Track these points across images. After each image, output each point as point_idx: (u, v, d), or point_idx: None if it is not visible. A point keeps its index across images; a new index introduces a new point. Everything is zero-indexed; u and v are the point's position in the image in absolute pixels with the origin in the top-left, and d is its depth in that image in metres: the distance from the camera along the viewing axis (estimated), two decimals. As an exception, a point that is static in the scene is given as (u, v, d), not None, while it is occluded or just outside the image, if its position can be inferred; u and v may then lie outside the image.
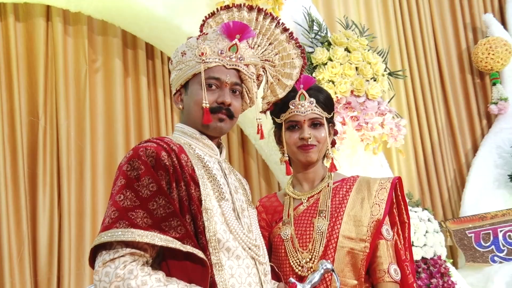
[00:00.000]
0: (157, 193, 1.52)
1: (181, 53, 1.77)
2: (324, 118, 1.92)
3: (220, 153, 1.80)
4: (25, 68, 3.40)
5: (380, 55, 3.60)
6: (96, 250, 1.52)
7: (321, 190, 1.94)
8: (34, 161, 3.33)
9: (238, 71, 1.75)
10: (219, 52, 1.72)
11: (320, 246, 1.83)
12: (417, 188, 4.38)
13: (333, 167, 1.93)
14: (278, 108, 1.95)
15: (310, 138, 1.89)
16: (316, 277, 1.72)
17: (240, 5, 1.89)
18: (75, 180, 3.35)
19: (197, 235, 1.57)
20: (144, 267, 1.48)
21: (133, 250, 1.48)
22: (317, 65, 3.37)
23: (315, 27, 3.45)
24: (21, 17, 3.46)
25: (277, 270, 1.85)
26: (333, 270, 1.73)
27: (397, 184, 1.94)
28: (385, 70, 3.55)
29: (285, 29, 1.93)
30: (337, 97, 3.31)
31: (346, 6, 4.34)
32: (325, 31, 3.48)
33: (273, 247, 1.93)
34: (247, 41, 1.79)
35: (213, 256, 1.57)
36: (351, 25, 3.61)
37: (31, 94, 3.39)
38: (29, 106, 3.37)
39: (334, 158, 1.94)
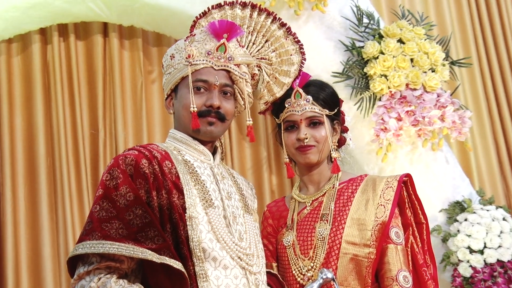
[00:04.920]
0: (134, 202, 1.49)
1: (170, 56, 1.74)
2: (324, 116, 1.79)
3: (215, 158, 1.73)
4: (86, 84, 3.55)
5: (441, 43, 3.32)
6: (75, 262, 1.51)
7: (325, 192, 1.80)
8: (96, 173, 3.45)
9: (228, 71, 1.68)
10: (207, 53, 1.67)
11: (322, 252, 1.72)
12: (501, 184, 4.01)
13: (335, 169, 1.78)
14: (276, 108, 1.85)
15: (307, 138, 1.77)
16: (314, 286, 1.60)
17: (233, 2, 1.82)
18: (134, 190, 3.42)
19: (179, 245, 1.51)
20: (119, 280, 1.45)
21: (108, 263, 1.46)
22: (368, 60, 3.18)
23: (365, 20, 3.26)
24: (81, 36, 3.60)
25: (281, 279, 1.75)
26: (333, 280, 1.60)
27: (407, 182, 1.76)
28: (446, 59, 3.27)
29: (283, 24, 1.83)
30: (390, 91, 3.10)
31: (410, -6, 4.09)
32: (377, 23, 3.27)
33: (278, 254, 1.83)
34: (237, 40, 1.72)
35: (197, 266, 1.52)
36: (407, 15, 3.38)
37: (91, 109, 3.52)
38: (90, 120, 3.51)
39: (338, 158, 1.80)
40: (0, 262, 3.25)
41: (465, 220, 3.19)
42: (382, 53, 3.18)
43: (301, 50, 1.84)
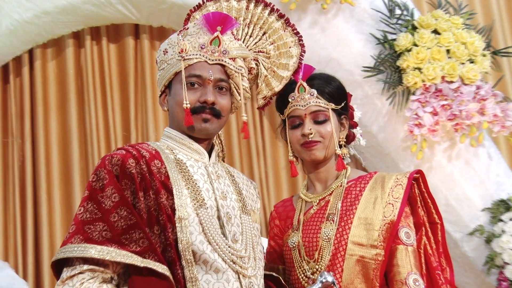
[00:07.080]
0: (119, 204, 1.45)
1: (163, 51, 1.69)
2: (330, 110, 1.70)
3: (211, 156, 1.66)
4: (118, 86, 3.59)
5: (482, 32, 3.13)
6: (61, 267, 1.48)
7: (333, 191, 1.71)
8: (129, 174, 3.45)
9: (223, 66, 1.62)
10: (200, 47, 1.62)
11: (327, 254, 1.62)
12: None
13: (340, 166, 1.69)
14: (280, 103, 1.77)
15: (311, 134, 1.68)
16: (312, 290, 1.51)
17: None
18: (166, 190, 3.41)
19: (166, 248, 1.45)
20: (102, 284, 1.41)
21: (92, 267, 1.43)
22: (400, 53, 3.05)
23: (397, 11, 3.12)
24: (113, 38, 3.63)
25: (283, 282, 1.66)
26: (334, 283, 1.51)
27: (419, 179, 1.64)
28: (487, 49, 3.08)
29: (281, 16, 1.76)
30: (424, 85, 2.96)
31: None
32: (411, 14, 3.12)
33: (284, 256, 1.75)
34: (232, 32, 1.65)
35: (187, 270, 1.46)
36: (445, 4, 3.20)
37: (123, 111, 3.55)
38: (122, 122, 3.54)
39: (344, 155, 1.70)
40: (37, 264, 3.33)
41: (511, 219, 3.00)
42: (415, 45, 3.05)
43: (301, 42, 1.75)
